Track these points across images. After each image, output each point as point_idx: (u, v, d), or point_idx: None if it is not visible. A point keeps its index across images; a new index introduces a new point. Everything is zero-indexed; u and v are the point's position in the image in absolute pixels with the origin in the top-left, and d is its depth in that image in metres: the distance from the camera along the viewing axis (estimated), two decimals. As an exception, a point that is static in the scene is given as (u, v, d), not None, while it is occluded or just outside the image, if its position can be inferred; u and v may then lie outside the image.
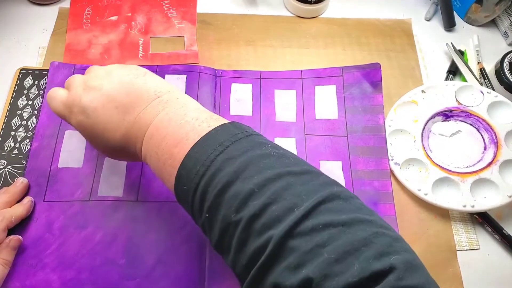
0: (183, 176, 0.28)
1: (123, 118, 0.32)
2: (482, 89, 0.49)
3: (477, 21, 0.58)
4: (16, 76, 0.50)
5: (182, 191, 0.28)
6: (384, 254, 0.22)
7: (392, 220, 0.43)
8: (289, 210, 0.24)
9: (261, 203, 0.24)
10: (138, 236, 0.41)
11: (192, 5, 0.58)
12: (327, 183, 0.26)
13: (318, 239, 0.22)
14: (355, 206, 0.25)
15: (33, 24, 0.55)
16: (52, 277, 0.39)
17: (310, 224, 0.23)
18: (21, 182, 0.42)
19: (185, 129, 0.29)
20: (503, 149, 0.45)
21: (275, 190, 0.25)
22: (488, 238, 0.44)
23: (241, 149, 0.27)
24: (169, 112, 0.31)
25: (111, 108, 0.32)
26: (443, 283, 0.41)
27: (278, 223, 0.23)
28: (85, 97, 0.32)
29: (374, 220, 0.24)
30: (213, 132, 0.28)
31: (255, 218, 0.24)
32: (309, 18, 0.58)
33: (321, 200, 0.24)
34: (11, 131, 0.47)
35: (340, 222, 0.23)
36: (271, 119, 0.49)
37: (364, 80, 0.50)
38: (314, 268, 0.21)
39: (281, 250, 0.23)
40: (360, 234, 0.22)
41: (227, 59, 0.53)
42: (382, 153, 0.46)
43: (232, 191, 0.25)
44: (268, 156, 0.27)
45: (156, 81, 0.33)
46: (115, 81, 0.33)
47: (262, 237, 0.23)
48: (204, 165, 0.27)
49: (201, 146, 0.28)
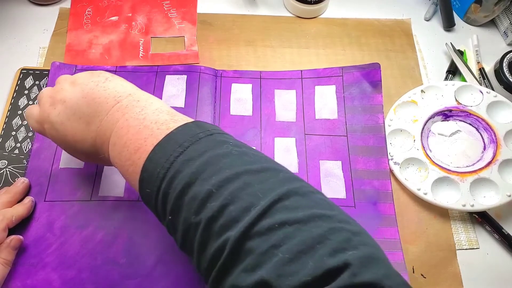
0: (145, 180, 0.28)
1: (88, 129, 0.32)
2: (481, 89, 0.49)
3: (476, 21, 0.59)
4: (16, 76, 0.50)
5: (146, 195, 0.28)
6: (339, 250, 0.21)
7: (392, 219, 0.43)
8: (246, 210, 0.23)
9: (218, 204, 0.24)
10: (139, 235, 0.41)
11: (193, 6, 0.58)
12: (286, 179, 0.26)
13: (274, 239, 0.22)
14: (314, 201, 0.25)
15: (34, 24, 0.55)
16: (52, 277, 0.39)
17: (266, 224, 0.23)
18: (22, 182, 0.42)
19: (144, 135, 0.29)
20: (502, 148, 0.45)
21: (233, 190, 0.24)
22: (487, 238, 0.44)
23: (200, 150, 0.27)
24: (128, 118, 0.31)
25: (76, 119, 0.33)
26: (442, 283, 0.41)
27: (235, 223, 0.23)
28: (52, 113, 0.33)
29: (333, 215, 0.24)
30: (174, 133, 0.28)
31: (214, 219, 0.24)
32: (309, 18, 0.58)
33: (277, 198, 0.24)
34: (12, 131, 0.47)
35: (296, 219, 0.23)
36: (271, 119, 0.49)
37: (364, 80, 0.50)
38: (268, 269, 0.21)
39: (238, 251, 0.23)
40: (316, 231, 0.22)
41: (227, 59, 0.54)
42: (381, 153, 0.46)
43: (191, 193, 0.25)
44: (228, 155, 0.27)
45: (116, 86, 0.33)
46: (77, 91, 0.33)
47: (220, 239, 0.23)
48: (164, 167, 0.27)
49: (162, 148, 0.28)
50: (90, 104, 0.32)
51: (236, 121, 0.48)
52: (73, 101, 0.33)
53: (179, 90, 0.49)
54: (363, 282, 0.20)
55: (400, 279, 0.22)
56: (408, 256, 0.42)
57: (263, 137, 0.48)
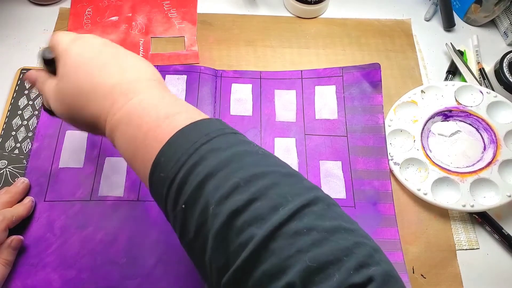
0: (161, 164, 0.26)
1: (104, 80, 0.29)
2: (481, 89, 0.49)
3: (476, 21, 0.59)
4: (16, 76, 0.50)
5: (158, 179, 0.26)
6: (364, 265, 0.21)
7: (392, 219, 0.43)
8: (274, 209, 0.23)
9: (245, 198, 0.23)
10: (139, 235, 0.41)
11: (193, 6, 0.58)
12: (312, 187, 0.25)
13: (301, 243, 0.22)
14: (337, 213, 0.24)
15: (34, 25, 0.55)
16: (53, 277, 0.39)
17: (294, 226, 0.22)
18: (22, 182, 0.42)
19: (168, 120, 0.27)
20: (502, 149, 0.45)
21: (261, 187, 0.23)
22: (487, 238, 0.44)
23: (227, 142, 0.26)
24: (153, 95, 0.29)
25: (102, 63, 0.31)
26: (442, 283, 0.41)
27: (261, 221, 0.22)
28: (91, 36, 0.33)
29: (355, 229, 0.24)
30: (199, 123, 0.27)
31: (237, 213, 0.23)
32: (309, 18, 0.58)
33: (306, 203, 0.23)
34: (12, 131, 0.47)
35: (324, 228, 0.22)
36: (271, 119, 0.49)
37: (364, 80, 0.50)
38: (295, 274, 0.21)
39: (263, 251, 0.22)
40: (342, 243, 0.22)
41: (227, 59, 0.54)
42: (381, 153, 0.46)
43: (214, 182, 0.24)
44: (255, 154, 0.26)
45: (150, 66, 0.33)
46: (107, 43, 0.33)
47: (243, 235, 0.22)
48: (186, 153, 0.25)
49: (186, 134, 0.26)
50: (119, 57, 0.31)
51: (236, 121, 0.48)
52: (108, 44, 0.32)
53: (179, 90, 0.49)
54: None
55: None
56: (408, 256, 0.42)
57: (263, 137, 0.48)
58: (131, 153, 0.28)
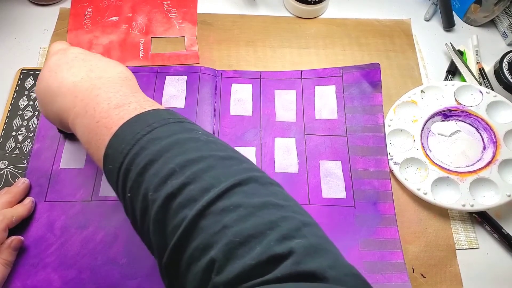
0: (109, 156, 0.28)
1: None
2: (481, 89, 0.49)
3: (476, 21, 0.59)
4: (17, 76, 0.50)
5: (109, 171, 0.28)
6: (287, 237, 0.22)
7: (392, 219, 0.43)
8: (205, 190, 0.24)
9: (179, 182, 0.24)
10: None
11: (193, 6, 0.58)
12: (248, 169, 0.26)
13: (227, 219, 0.22)
14: (271, 191, 0.25)
15: (34, 25, 0.55)
16: (53, 277, 0.39)
17: (222, 204, 0.23)
18: (22, 182, 0.42)
19: (117, 110, 0.29)
20: (502, 148, 0.45)
21: (195, 170, 0.25)
22: (487, 237, 0.44)
23: (169, 131, 0.27)
24: (109, 91, 0.31)
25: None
26: (442, 282, 0.41)
27: (193, 203, 0.23)
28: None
29: (287, 205, 0.24)
30: (144, 114, 0.28)
31: (172, 197, 0.24)
32: (308, 18, 0.58)
33: (237, 182, 0.24)
34: (12, 131, 0.47)
35: (251, 204, 0.23)
36: (271, 119, 0.49)
37: (364, 80, 0.50)
38: (218, 250, 0.22)
39: (192, 230, 0.23)
40: (268, 217, 0.23)
41: (227, 60, 0.54)
42: (381, 153, 0.47)
43: (153, 170, 0.25)
44: (196, 140, 0.27)
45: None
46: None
47: (177, 217, 0.24)
48: (129, 144, 0.26)
49: (130, 126, 0.28)
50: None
51: (236, 121, 0.48)
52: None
53: (179, 91, 0.49)
54: (305, 271, 0.20)
55: (348, 270, 0.22)
56: (408, 256, 0.42)
57: (263, 137, 0.48)
58: (87, 143, 0.30)
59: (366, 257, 0.41)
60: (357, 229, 0.43)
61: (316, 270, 0.20)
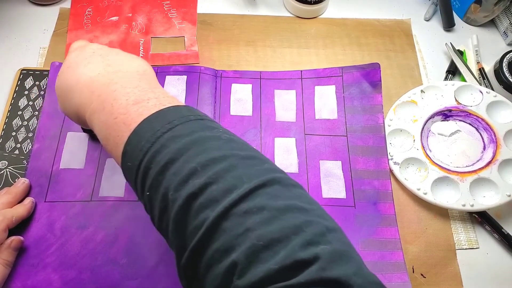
0: (128, 153, 0.27)
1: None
2: (481, 89, 0.49)
3: (476, 21, 0.59)
4: (17, 76, 0.50)
5: (127, 168, 0.27)
6: (312, 243, 0.21)
7: (392, 219, 0.43)
8: (228, 191, 0.23)
9: (201, 182, 0.24)
10: (139, 236, 0.41)
11: (193, 6, 0.58)
12: (271, 169, 0.26)
13: (250, 222, 0.22)
14: (294, 194, 0.25)
15: (34, 25, 0.55)
16: (53, 277, 0.39)
17: (245, 206, 0.23)
18: (22, 183, 0.42)
19: (136, 106, 0.28)
20: (502, 148, 0.45)
21: (217, 170, 0.24)
22: (487, 237, 0.44)
23: (190, 129, 0.26)
24: (127, 86, 0.30)
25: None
26: (442, 282, 0.41)
27: (215, 203, 0.23)
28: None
29: (311, 209, 0.24)
30: (164, 111, 0.28)
31: (194, 197, 0.23)
32: (308, 18, 0.58)
33: (261, 184, 0.24)
34: (12, 131, 0.47)
35: (275, 207, 0.23)
36: (271, 119, 0.49)
37: (364, 80, 0.50)
38: (240, 253, 0.21)
39: (214, 231, 0.22)
40: (292, 221, 0.22)
41: (227, 60, 0.54)
42: (381, 153, 0.47)
43: (173, 169, 0.25)
44: (217, 139, 0.26)
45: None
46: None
47: (198, 218, 0.23)
48: (149, 141, 0.26)
49: (149, 123, 0.27)
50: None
51: (236, 121, 0.48)
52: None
53: (179, 91, 0.49)
54: (330, 277, 0.20)
55: (372, 278, 0.22)
56: (408, 256, 0.42)
57: (263, 137, 0.48)
58: (105, 139, 0.30)
59: (366, 257, 0.41)
60: (357, 229, 0.43)
61: (341, 277, 0.20)
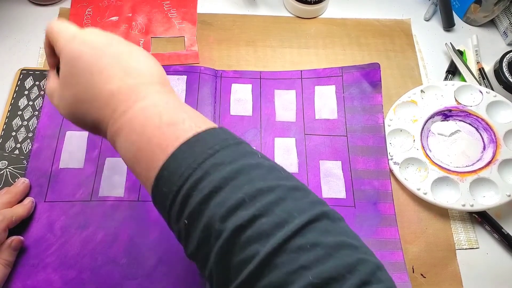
0: (164, 177, 0.25)
1: (104, 86, 0.28)
2: (481, 89, 0.49)
3: (476, 21, 0.59)
4: (16, 76, 0.50)
5: (160, 193, 0.26)
6: (366, 282, 0.21)
7: (392, 219, 0.43)
8: (279, 225, 0.22)
9: (250, 214, 0.23)
10: (139, 236, 0.41)
11: (193, 6, 0.58)
12: (317, 202, 0.25)
13: (304, 259, 0.21)
14: (342, 229, 0.24)
15: (34, 25, 0.55)
16: (53, 277, 0.39)
17: (298, 242, 0.22)
18: (22, 183, 0.42)
19: (172, 127, 0.27)
20: (502, 148, 0.45)
21: (266, 203, 0.23)
22: (487, 237, 0.44)
23: (232, 156, 0.25)
24: (157, 102, 0.28)
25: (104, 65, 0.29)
26: (442, 282, 0.41)
27: (265, 238, 0.22)
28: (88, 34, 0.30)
29: (359, 246, 0.24)
30: (202, 135, 0.26)
31: (242, 229, 0.23)
32: (308, 18, 0.58)
33: (311, 219, 0.23)
34: (12, 131, 0.47)
35: (328, 244, 0.22)
36: (271, 119, 0.49)
37: (364, 80, 0.50)
38: None
39: (266, 266, 0.22)
40: (346, 259, 0.22)
41: (227, 60, 0.54)
42: (381, 153, 0.47)
43: (219, 198, 0.24)
44: (260, 167, 0.25)
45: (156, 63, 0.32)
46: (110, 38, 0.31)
47: (247, 251, 0.22)
48: (190, 167, 0.24)
49: (189, 147, 0.25)
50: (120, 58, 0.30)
51: (236, 121, 0.48)
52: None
53: (179, 91, 0.49)
54: None
55: None
56: (408, 256, 0.42)
57: (263, 137, 0.48)
58: (133, 159, 0.28)
59: (366, 257, 0.41)
60: (357, 229, 0.42)
61: None
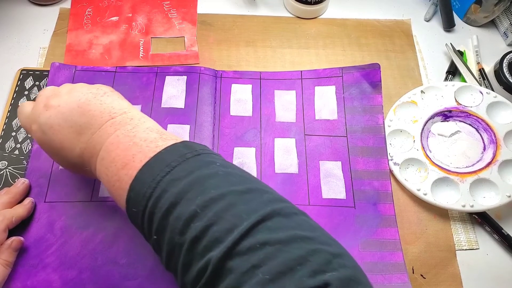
0: (132, 199, 0.28)
1: (77, 139, 0.32)
2: (481, 90, 0.49)
3: (476, 22, 0.59)
4: (16, 77, 0.50)
5: (132, 214, 0.29)
6: (319, 271, 0.22)
7: (392, 220, 0.43)
8: (229, 231, 0.24)
9: (202, 224, 0.24)
10: (139, 236, 0.41)
11: (193, 6, 0.58)
12: (270, 200, 0.26)
13: (255, 259, 0.22)
14: (296, 222, 0.25)
15: (34, 25, 0.55)
16: (53, 277, 0.39)
17: (248, 243, 0.23)
18: (22, 183, 0.42)
19: (132, 151, 0.29)
20: (502, 149, 0.45)
21: (217, 211, 0.25)
22: (487, 238, 0.44)
23: (187, 169, 0.27)
24: (119, 134, 0.31)
25: (66, 127, 0.33)
26: (442, 283, 0.41)
27: (218, 244, 0.23)
28: (43, 115, 0.33)
29: (314, 236, 0.24)
30: (162, 153, 0.28)
31: (197, 240, 0.24)
32: (308, 18, 0.58)
33: (260, 219, 0.24)
34: (12, 131, 0.47)
35: (278, 240, 0.23)
36: (271, 119, 0.49)
37: (364, 80, 0.50)
38: None
39: (220, 272, 0.23)
40: (296, 252, 0.22)
41: (227, 60, 0.54)
42: (381, 153, 0.47)
43: (176, 213, 0.25)
44: (214, 176, 0.27)
45: (113, 102, 0.33)
46: (73, 100, 0.33)
47: (203, 259, 0.24)
48: (150, 186, 0.27)
49: (149, 168, 0.28)
50: (84, 114, 0.32)
51: (236, 121, 0.48)
52: (67, 108, 0.33)
53: (179, 91, 0.49)
54: None
55: None
56: (408, 257, 0.42)
57: (263, 137, 0.48)
58: (110, 186, 0.31)
59: (366, 257, 0.41)
60: (357, 230, 0.43)
61: None
